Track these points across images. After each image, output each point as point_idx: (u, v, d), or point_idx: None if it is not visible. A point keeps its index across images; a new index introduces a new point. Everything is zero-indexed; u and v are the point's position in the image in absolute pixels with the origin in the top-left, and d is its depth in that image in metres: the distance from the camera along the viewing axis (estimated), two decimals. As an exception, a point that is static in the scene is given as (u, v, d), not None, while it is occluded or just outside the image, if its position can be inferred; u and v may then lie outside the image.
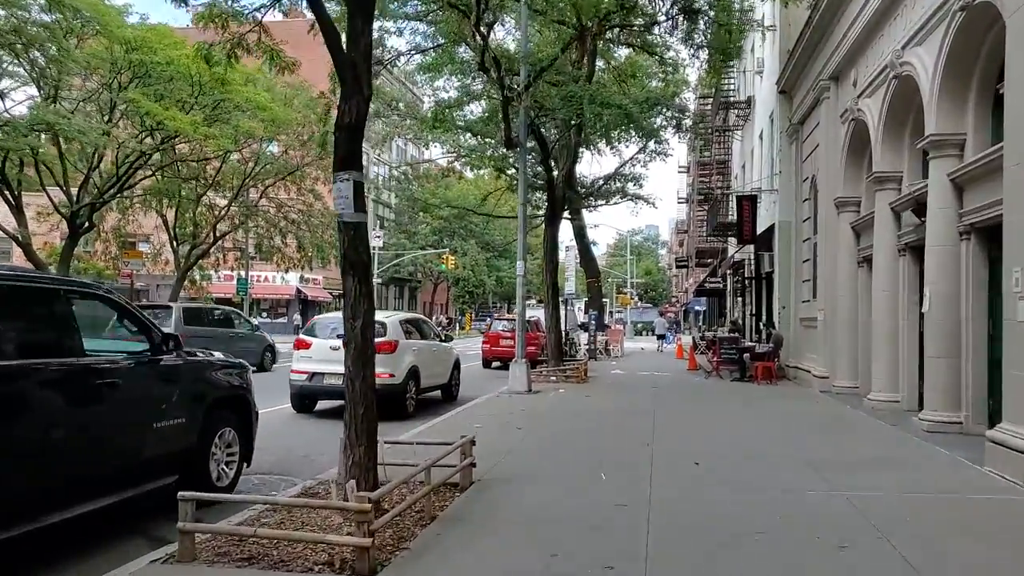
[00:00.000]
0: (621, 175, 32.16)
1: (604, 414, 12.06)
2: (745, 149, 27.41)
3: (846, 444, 9.47)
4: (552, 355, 18.58)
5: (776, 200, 20.15)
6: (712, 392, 15.98)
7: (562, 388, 16.10)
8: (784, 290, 19.57)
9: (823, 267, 15.75)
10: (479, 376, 21.36)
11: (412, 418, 12.52)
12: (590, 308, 31.12)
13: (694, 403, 13.89)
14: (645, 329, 77.13)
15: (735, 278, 30.24)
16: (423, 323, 14.51)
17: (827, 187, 15.60)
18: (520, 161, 15.24)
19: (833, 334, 15.20)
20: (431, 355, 14.03)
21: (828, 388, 15.15)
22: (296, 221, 37.41)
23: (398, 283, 72.16)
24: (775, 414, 12.22)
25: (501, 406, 13.16)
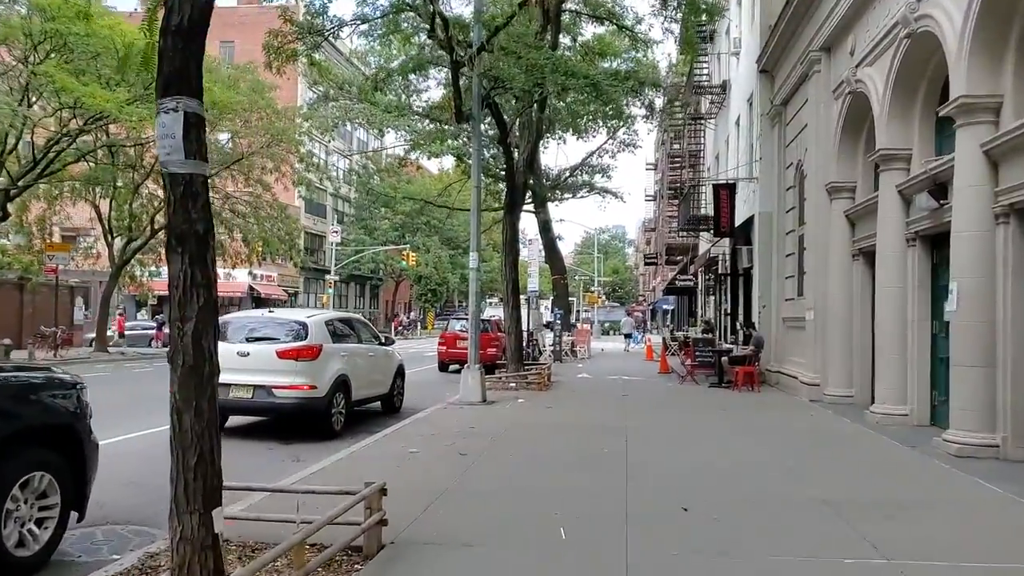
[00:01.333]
0: (588, 166, 30.43)
1: (568, 432, 10.18)
2: (719, 138, 25.81)
3: (864, 474, 7.70)
4: (512, 359, 16.70)
5: (756, 189, 18.50)
6: (689, 401, 14.22)
7: (521, 397, 14.22)
8: (765, 287, 17.93)
9: (812, 261, 14.09)
10: (433, 382, 19.42)
11: (340, 437, 10.58)
12: (555, 307, 29.33)
13: (670, 416, 12.08)
14: (612, 329, 75.79)
15: (707, 275, 28.66)
16: (358, 324, 12.51)
17: (816, 172, 13.94)
18: (473, 137, 13.32)
19: (824, 336, 13.54)
20: (367, 361, 12.04)
21: (818, 397, 13.49)
22: (244, 214, 35.10)
23: (358, 281, 69.74)
24: (766, 430, 10.46)
25: (448, 421, 11.22)
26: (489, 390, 15.38)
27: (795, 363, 15.59)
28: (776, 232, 17.41)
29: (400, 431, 10.46)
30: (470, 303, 13.81)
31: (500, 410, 12.49)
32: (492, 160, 27.14)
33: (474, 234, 13.41)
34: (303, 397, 10.24)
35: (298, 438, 10.47)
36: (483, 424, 10.84)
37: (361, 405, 12.12)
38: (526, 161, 16.39)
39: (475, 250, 13.41)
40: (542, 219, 29.33)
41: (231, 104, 30.13)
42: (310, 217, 64.06)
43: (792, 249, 16.38)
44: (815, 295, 13.87)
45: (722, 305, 23.53)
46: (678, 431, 10.37)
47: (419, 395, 16.44)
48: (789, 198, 16.68)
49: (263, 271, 54.66)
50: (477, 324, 13.81)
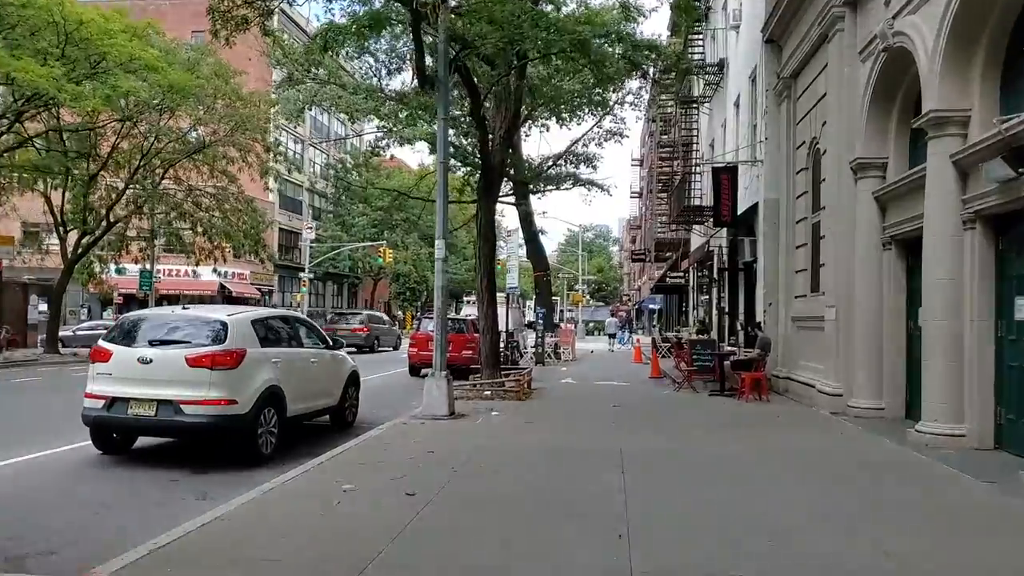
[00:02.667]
0: (573, 155, 28.47)
1: (549, 459, 8.17)
2: (714, 123, 23.92)
3: (962, 534, 5.71)
4: (487, 363, 14.68)
5: (760, 174, 16.60)
6: (690, 414, 12.25)
7: (497, 409, 12.19)
8: (771, 283, 16.03)
9: (833, 252, 12.18)
10: (402, 388, 17.39)
11: (270, 462, 8.55)
12: (538, 305, 27.37)
13: (672, 435, 10.05)
14: (597, 329, 73.89)
15: (701, 272, 26.79)
16: (299, 324, 10.41)
17: (838, 149, 12.03)
18: (439, 103, 11.28)
19: (848, 338, 11.64)
20: (308, 369, 9.98)
21: (840, 408, 11.58)
22: (208, 207, 32.82)
23: (335, 279, 67.42)
24: (794, 455, 8.52)
25: (403, 442, 9.19)
26: (460, 399, 13.36)
27: (809, 369, 13.69)
28: (784, 221, 15.52)
29: (342, 456, 8.41)
30: (435, 299, 11.77)
31: (469, 426, 10.46)
32: (469, 146, 25.15)
33: (440, 218, 11.38)
34: (219, 415, 8.17)
35: (217, 465, 8.42)
36: (445, 446, 8.81)
37: (303, 421, 10.07)
38: (503, 138, 14.38)
39: (441, 237, 11.38)
40: (523, 211, 27.34)
41: (189, 87, 27.88)
42: (284, 213, 61.70)
43: (804, 239, 14.49)
44: (836, 291, 11.96)
45: (720, 303, 21.65)
46: (685, 458, 8.37)
47: (382, 403, 14.44)
48: (800, 182, 14.79)
49: (234, 269, 52.31)
50: (443, 324, 11.77)
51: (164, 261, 45.90)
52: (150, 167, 30.88)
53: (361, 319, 33.85)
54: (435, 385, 11.35)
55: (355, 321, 33.51)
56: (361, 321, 33.46)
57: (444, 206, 11.35)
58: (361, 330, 32.21)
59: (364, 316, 34.80)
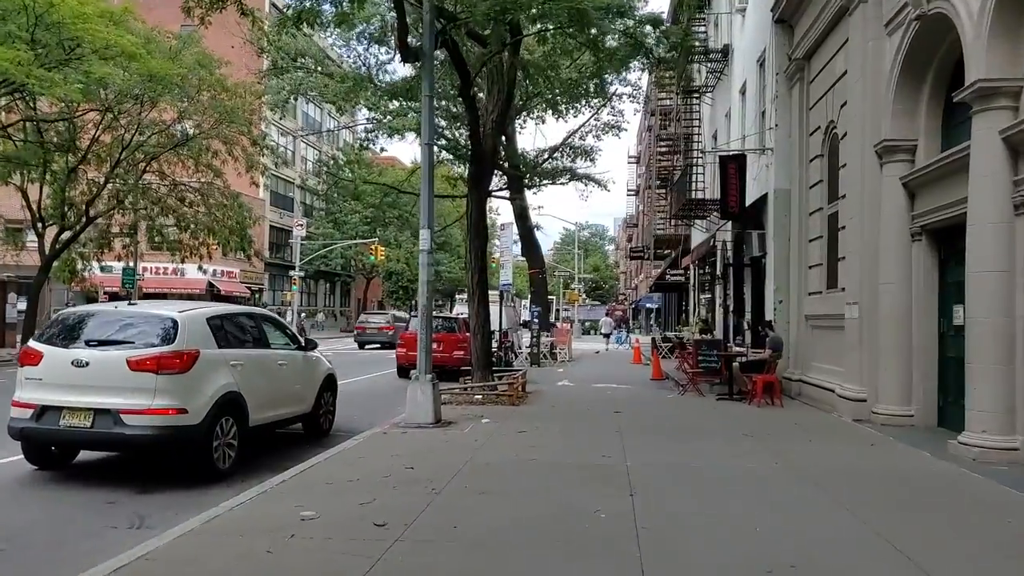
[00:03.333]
0: (570, 147, 27.45)
1: (545, 478, 7.12)
2: (717, 113, 22.91)
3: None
4: (478, 364, 13.63)
5: (770, 163, 15.58)
6: (699, 421, 11.19)
7: (487, 416, 11.13)
8: (781, 279, 15.00)
9: (854, 244, 11.15)
10: (389, 390, 16.34)
11: (228, 478, 7.52)
12: (533, 304, 26.33)
13: (682, 446, 8.96)
14: (593, 328, 72.90)
15: (703, 269, 25.75)
16: (265, 322, 9.32)
17: (860, 131, 11.01)
18: (423, 77, 10.21)
19: (873, 338, 10.61)
20: (276, 372, 8.92)
21: (864, 415, 10.57)
22: (192, 202, 31.67)
23: (327, 277, 66.32)
24: (825, 473, 7.47)
25: (380, 456, 8.13)
26: (449, 404, 12.33)
27: (826, 372, 12.66)
28: (797, 212, 14.49)
29: (308, 473, 7.35)
30: (420, 295, 10.70)
31: (456, 437, 9.40)
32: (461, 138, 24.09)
33: (425, 206, 10.31)
34: (166, 426, 7.10)
35: (167, 482, 7.38)
36: (427, 462, 7.76)
37: (271, 429, 9.01)
38: (495, 123, 13.31)
39: (426, 227, 10.30)
40: (518, 206, 26.31)
41: (171, 76, 26.74)
42: (276, 210, 60.60)
43: (819, 232, 13.47)
44: (859, 287, 10.93)
45: (725, 301, 20.60)
46: (700, 476, 7.31)
47: (367, 407, 13.45)
48: (814, 171, 13.77)
49: (223, 267, 51.19)
50: (428, 323, 10.70)
51: (150, 259, 44.79)
52: (133, 161, 29.77)
53: (387, 319, 37.04)
54: (419, 390, 10.29)
55: (381, 320, 36.99)
56: (387, 320, 36.56)
57: (429, 192, 10.29)
58: (387, 328, 34.89)
59: (390, 316, 38.00)
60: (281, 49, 25.00)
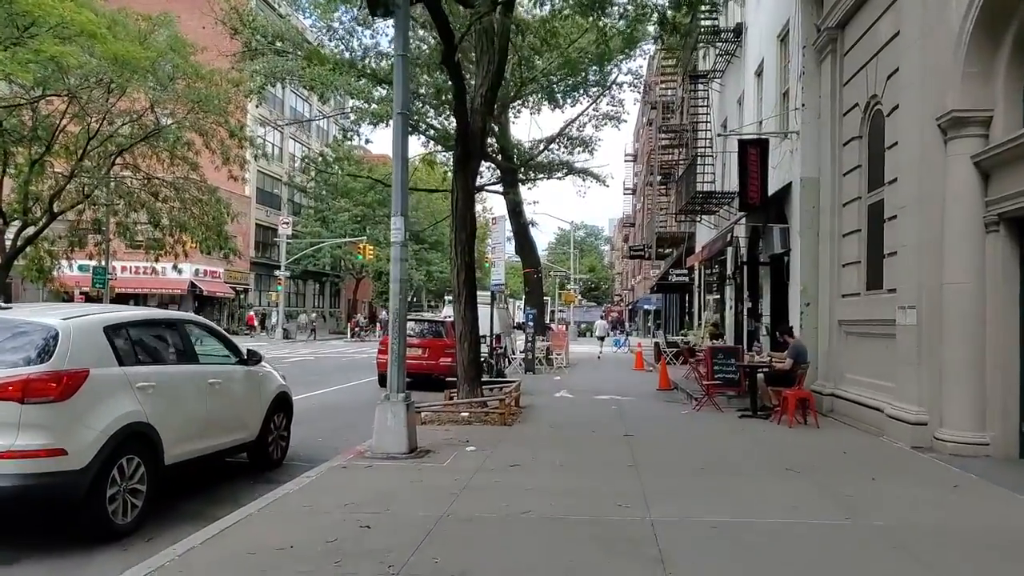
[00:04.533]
0: (568, 138, 25.66)
1: (546, 547, 5.31)
2: (727, 100, 21.17)
3: None
4: (465, 377, 11.80)
5: (795, 149, 13.82)
6: (728, 448, 9.37)
7: (473, 441, 9.31)
8: (809, 279, 13.24)
9: (910, 237, 9.39)
10: (368, 401, 14.42)
11: (126, 536, 5.73)
12: (528, 305, 24.54)
13: (718, 489, 7.02)
14: (589, 330, 71.08)
15: (711, 268, 24.00)
16: (191, 330, 7.44)
17: (917, 103, 9.25)
18: (396, 34, 8.43)
19: (935, 349, 8.85)
20: (206, 394, 7.09)
21: (925, 441, 8.81)
22: (167, 198, 29.78)
23: (316, 277, 64.41)
24: (906, 528, 5.70)
25: (332, 504, 6.31)
26: (429, 425, 10.54)
27: (869, 386, 10.89)
28: (828, 203, 12.73)
29: (228, 534, 5.53)
30: (392, 296, 8.86)
31: (432, 473, 7.58)
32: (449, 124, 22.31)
33: (398, 188, 8.49)
34: (36, 472, 5.27)
35: (48, 542, 5.57)
36: (390, 516, 5.96)
37: (202, 463, 7.18)
38: (485, 98, 11.51)
39: (399, 214, 8.49)
40: (511, 200, 24.51)
41: (139, 60, 24.85)
42: (262, 208, 58.72)
43: (856, 225, 11.71)
44: (917, 288, 9.16)
45: (740, 303, 18.82)
46: (753, 541, 5.45)
47: (338, 423, 11.69)
48: (850, 155, 12.02)
49: (206, 266, 49.31)
50: (402, 329, 8.87)
51: (128, 258, 42.87)
52: (104, 153, 27.88)
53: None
54: (389, 413, 8.47)
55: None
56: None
57: (402, 171, 8.48)
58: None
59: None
60: (256, 32, 23.16)
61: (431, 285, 68.32)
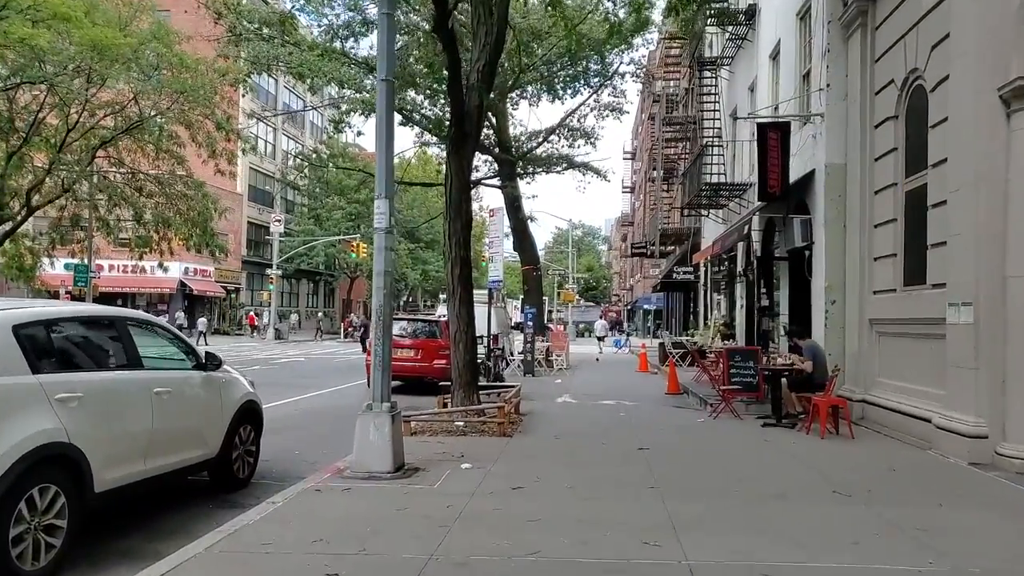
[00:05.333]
0: (568, 128, 24.57)
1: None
2: (737, 88, 20.08)
3: None
4: (460, 382, 10.67)
5: (818, 134, 12.73)
6: (760, 465, 8.24)
7: (469, 457, 8.18)
8: (835, 274, 12.15)
9: (962, 224, 8.30)
10: (353, 407, 13.31)
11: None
12: (526, 304, 23.45)
13: (758, 517, 5.85)
14: (588, 330, 69.93)
15: (717, 266, 22.92)
16: (138, 330, 6.30)
17: (972, 73, 8.15)
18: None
19: (997, 351, 7.77)
20: (149, 405, 5.95)
21: (986, 457, 7.73)
22: (151, 192, 28.63)
23: (309, 276, 63.25)
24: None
25: (296, 544, 5.17)
26: (419, 435, 9.44)
27: (909, 392, 9.79)
28: (857, 192, 11.62)
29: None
30: (375, 289, 7.71)
31: (420, 499, 6.45)
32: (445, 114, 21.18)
33: (382, 167, 7.37)
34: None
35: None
36: (367, 557, 4.83)
37: (147, 488, 6.06)
38: (483, 74, 10.40)
39: (384, 196, 7.37)
40: (510, 193, 23.41)
41: (118, 47, 23.69)
42: (254, 205, 57.57)
43: (891, 214, 10.62)
44: (974, 281, 8.06)
45: (753, 301, 17.71)
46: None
47: (320, 434, 10.59)
48: (883, 137, 10.92)
49: (196, 265, 48.14)
50: (387, 329, 7.72)
51: (117, 256, 41.74)
52: (86, 146, 26.73)
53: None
54: (372, 425, 7.34)
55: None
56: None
57: (387, 147, 7.35)
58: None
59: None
60: (241, 15, 22.02)
61: (427, 284, 67.18)
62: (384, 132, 7.42)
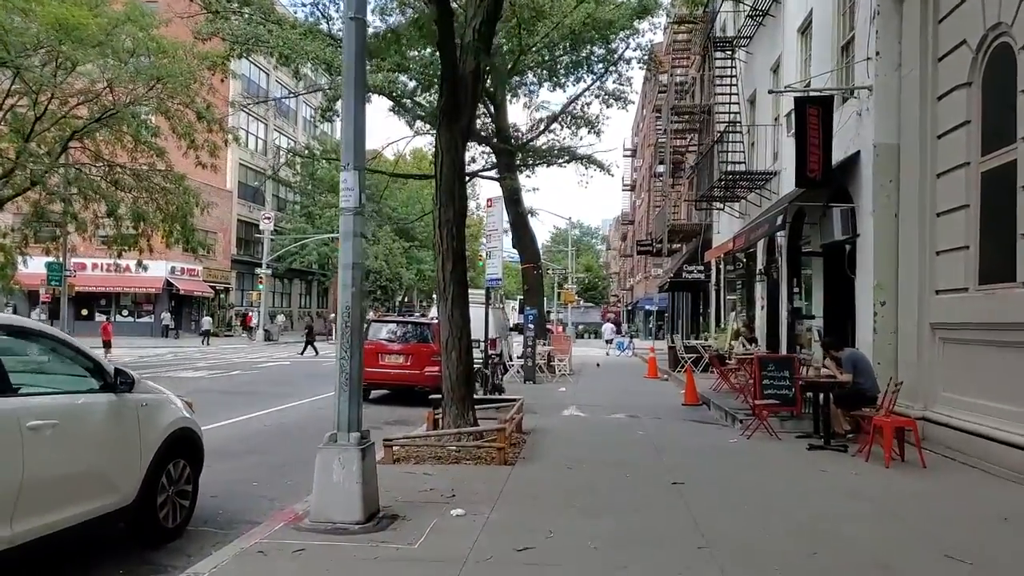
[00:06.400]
0: (571, 115, 22.94)
1: None
2: (757, 71, 18.45)
3: None
4: (452, 396, 9.01)
5: (864, 110, 11.11)
6: (830, 509, 6.55)
7: (461, 500, 6.50)
8: (886, 272, 10.53)
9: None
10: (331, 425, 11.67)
11: None
12: (526, 305, 21.82)
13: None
14: (587, 332, 68.28)
15: (732, 265, 21.30)
16: (10, 339, 4.65)
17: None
18: None
19: None
20: (20, 446, 4.27)
21: (1112, 499, 6.09)
22: (131, 186, 26.94)
23: (301, 276, 61.50)
24: None
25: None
26: (403, 463, 7.80)
27: (992, 412, 8.14)
28: (914, 174, 10.00)
29: None
30: (340, 286, 6.03)
31: (396, 569, 4.80)
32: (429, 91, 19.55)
33: (350, 130, 5.73)
34: None
35: None
36: None
37: (25, 555, 4.40)
38: (479, 33, 8.76)
39: (351, 167, 5.72)
40: (509, 186, 21.76)
41: (85, 27, 22.05)
42: (244, 203, 55.84)
43: (962, 199, 8.98)
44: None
45: (775, 302, 16.04)
46: None
47: (288, 459, 8.90)
48: (950, 110, 9.29)
49: (184, 264, 46.41)
50: (358, 334, 6.05)
51: (101, 254, 40.05)
52: (61, 137, 25.07)
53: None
54: (336, 462, 5.69)
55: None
56: None
57: (356, 103, 5.71)
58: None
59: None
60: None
61: (423, 285, 65.46)
62: (353, 85, 5.77)
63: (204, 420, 11.89)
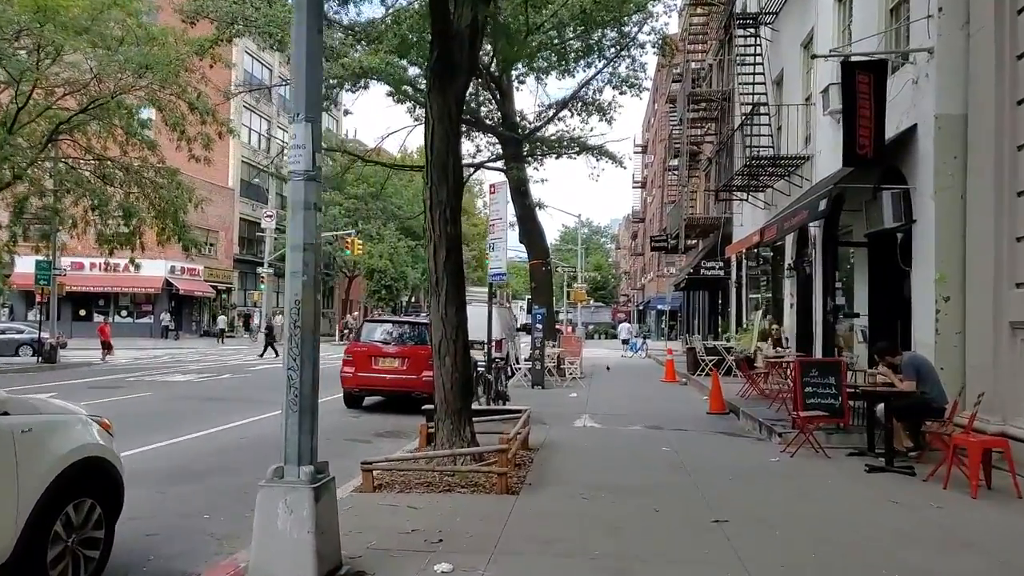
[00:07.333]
0: (582, 102, 21.53)
1: None
2: (783, 49, 16.99)
3: None
4: (446, 409, 7.62)
5: (921, 77, 9.66)
6: (920, 562, 5.19)
7: (448, 551, 5.10)
8: (950, 262, 9.09)
9: None
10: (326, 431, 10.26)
11: None
12: (535, 304, 20.43)
13: None
14: (598, 332, 66.83)
15: (755, 260, 19.82)
16: None
17: None
18: None
19: None
20: None
21: None
22: (122, 181, 25.72)
23: (305, 276, 59.98)
24: None
25: None
26: (386, 490, 6.43)
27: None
28: (987, 150, 8.55)
29: None
30: (287, 274, 4.65)
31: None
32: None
33: (301, 71, 4.36)
34: None
35: None
36: None
37: None
38: (478, -21, 7.40)
39: (303, 118, 4.34)
40: (515, 176, 20.34)
41: (67, 10, 20.81)
42: (247, 202, 54.66)
43: (1051, 174, 7.54)
44: None
45: (808, 300, 14.53)
46: None
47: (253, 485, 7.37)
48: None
49: (184, 263, 45.17)
50: (305, 337, 4.64)
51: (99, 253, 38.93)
52: (48, 128, 23.87)
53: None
54: (281, 505, 4.29)
55: None
56: None
57: (310, 38, 4.34)
58: None
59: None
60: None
61: (425, 283, 64.18)
62: (305, 9, 4.38)
63: (174, 432, 10.64)
